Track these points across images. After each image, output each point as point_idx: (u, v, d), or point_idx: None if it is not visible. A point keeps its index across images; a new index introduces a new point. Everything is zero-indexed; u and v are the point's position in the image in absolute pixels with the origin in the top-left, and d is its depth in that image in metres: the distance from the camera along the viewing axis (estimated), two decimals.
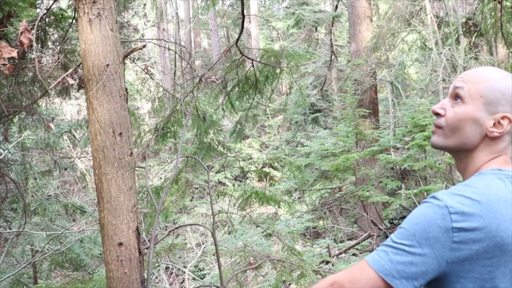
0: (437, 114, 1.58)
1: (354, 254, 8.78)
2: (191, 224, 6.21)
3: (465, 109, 1.50)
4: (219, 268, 4.84)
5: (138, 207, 3.26)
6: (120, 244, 3.14)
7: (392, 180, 9.42)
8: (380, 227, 9.20)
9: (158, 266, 10.73)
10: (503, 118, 1.46)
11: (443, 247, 1.34)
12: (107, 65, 3.08)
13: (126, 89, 3.24)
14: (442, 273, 1.37)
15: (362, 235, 9.28)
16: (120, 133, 3.13)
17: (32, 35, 3.31)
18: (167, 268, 11.35)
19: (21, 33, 3.26)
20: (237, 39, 5.40)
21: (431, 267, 1.36)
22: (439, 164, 8.40)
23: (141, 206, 5.89)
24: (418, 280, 1.36)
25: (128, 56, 3.40)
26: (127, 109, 3.24)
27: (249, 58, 5.61)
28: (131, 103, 17.34)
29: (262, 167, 6.35)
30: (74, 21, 4.66)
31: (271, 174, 16.39)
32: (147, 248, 3.80)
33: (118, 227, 3.14)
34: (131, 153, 3.21)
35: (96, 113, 3.09)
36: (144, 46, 3.24)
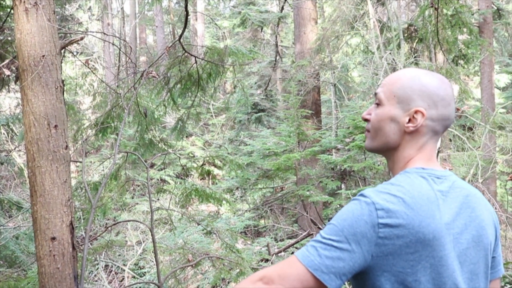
0: (366, 120, 1.67)
1: (293, 253, 8.85)
2: (129, 220, 6.12)
3: (383, 110, 1.60)
4: (157, 265, 4.81)
5: (72, 201, 3.21)
6: (53, 238, 3.08)
7: (332, 180, 9.56)
8: (320, 226, 9.31)
9: (97, 264, 10.56)
10: (416, 112, 1.54)
11: (369, 242, 1.38)
12: (43, 56, 3.02)
13: (63, 81, 3.18)
14: (367, 267, 1.42)
15: (302, 234, 9.37)
16: (56, 126, 3.07)
17: None
18: (106, 266, 11.18)
19: None
20: (180, 36, 5.38)
21: (358, 261, 1.39)
22: (378, 165, 8.58)
23: (79, 202, 5.79)
24: (345, 274, 1.40)
25: (70, 50, 3.34)
26: (64, 101, 3.18)
27: (192, 55, 5.59)
28: (73, 98, 17.00)
29: (202, 164, 6.34)
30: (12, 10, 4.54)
31: (214, 173, 16.38)
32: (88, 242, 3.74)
33: (51, 221, 3.08)
34: (67, 146, 3.15)
35: (30, 104, 3.02)
36: (82, 38, 3.19)
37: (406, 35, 10.75)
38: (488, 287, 1.58)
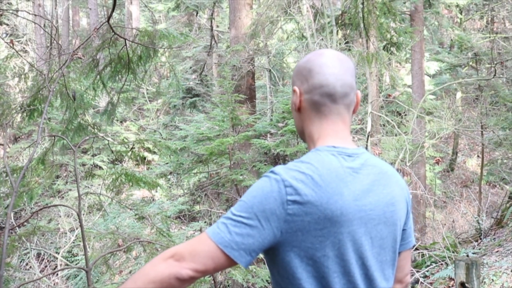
0: None
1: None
2: (55, 205, 5.99)
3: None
4: (85, 250, 4.73)
5: None
6: None
7: (265, 164, 9.62)
8: None
9: (28, 252, 10.32)
10: (294, 92, 1.66)
11: (278, 218, 1.41)
12: None
13: None
14: (277, 243, 1.44)
15: None
16: None
17: None
18: (39, 254, 10.95)
19: None
20: (109, 17, 5.26)
21: (267, 238, 1.42)
22: None
23: (5, 187, 5.62)
24: (255, 251, 1.42)
25: None
26: None
27: (121, 37, 5.49)
28: (1, 81, 16.46)
29: (131, 148, 6.25)
30: None
31: (148, 159, 16.24)
32: (11, 229, 3.65)
33: None
34: None
35: None
36: (0, 15, 3.07)
37: (340, 21, 10.90)
38: (396, 259, 1.64)
